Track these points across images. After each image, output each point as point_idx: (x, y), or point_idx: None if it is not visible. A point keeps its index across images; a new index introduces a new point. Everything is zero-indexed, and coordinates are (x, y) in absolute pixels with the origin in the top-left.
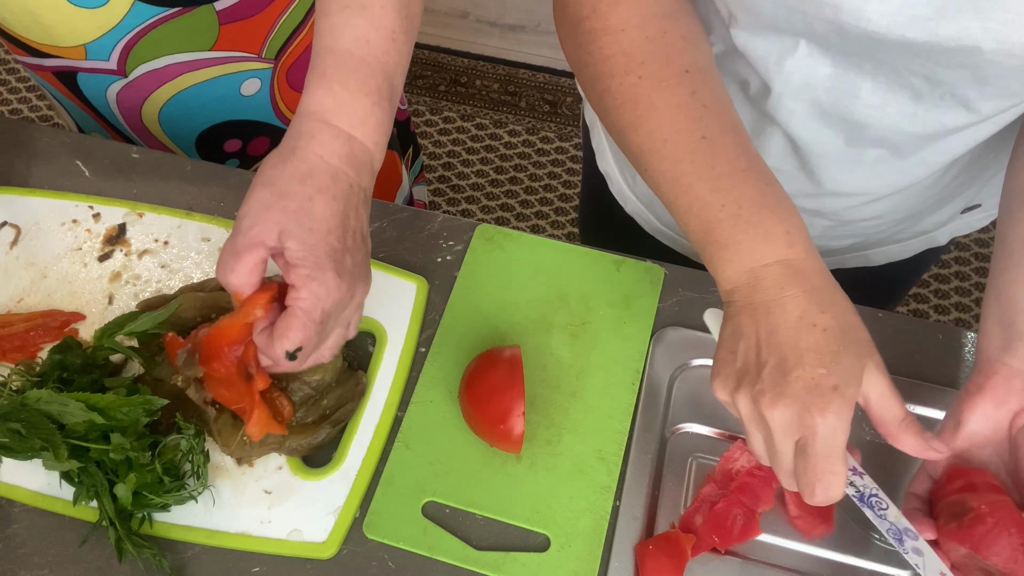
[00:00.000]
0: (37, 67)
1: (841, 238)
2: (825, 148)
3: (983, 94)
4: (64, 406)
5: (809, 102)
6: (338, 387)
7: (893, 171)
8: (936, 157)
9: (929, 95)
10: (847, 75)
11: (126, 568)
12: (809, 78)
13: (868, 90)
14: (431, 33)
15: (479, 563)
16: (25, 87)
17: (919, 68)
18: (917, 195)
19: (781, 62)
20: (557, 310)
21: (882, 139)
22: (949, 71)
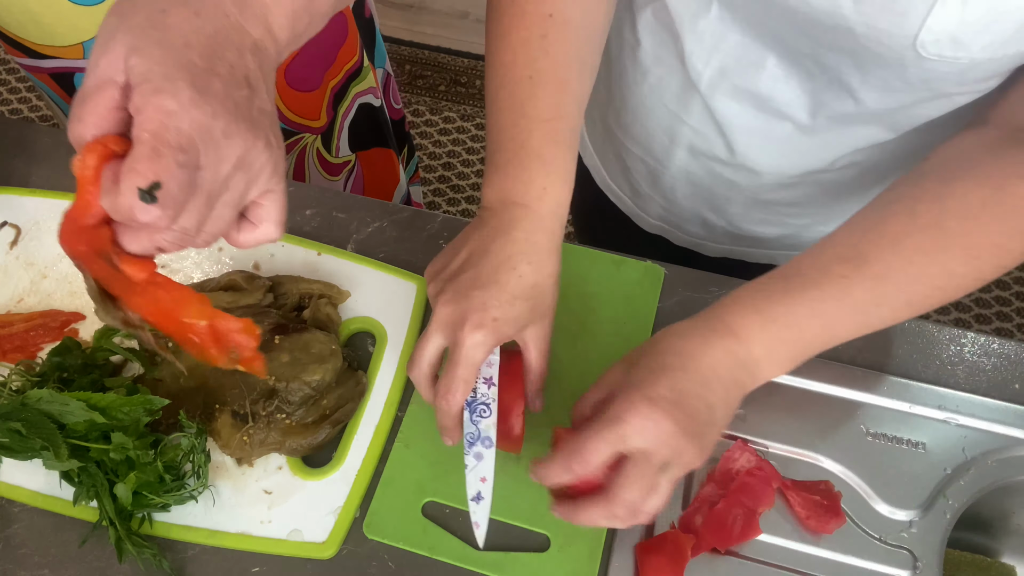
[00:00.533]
0: (35, 69)
1: (766, 223)
2: (735, 118)
3: (866, 83)
4: (65, 406)
5: (719, 70)
6: (338, 387)
7: (800, 149)
8: (840, 140)
9: (819, 77)
10: (754, 45)
11: (126, 568)
12: (720, 42)
13: (772, 62)
14: (431, 33)
15: (479, 563)
16: (25, 87)
17: (807, 48)
18: (837, 191)
19: (695, 21)
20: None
21: (787, 114)
22: (832, 54)
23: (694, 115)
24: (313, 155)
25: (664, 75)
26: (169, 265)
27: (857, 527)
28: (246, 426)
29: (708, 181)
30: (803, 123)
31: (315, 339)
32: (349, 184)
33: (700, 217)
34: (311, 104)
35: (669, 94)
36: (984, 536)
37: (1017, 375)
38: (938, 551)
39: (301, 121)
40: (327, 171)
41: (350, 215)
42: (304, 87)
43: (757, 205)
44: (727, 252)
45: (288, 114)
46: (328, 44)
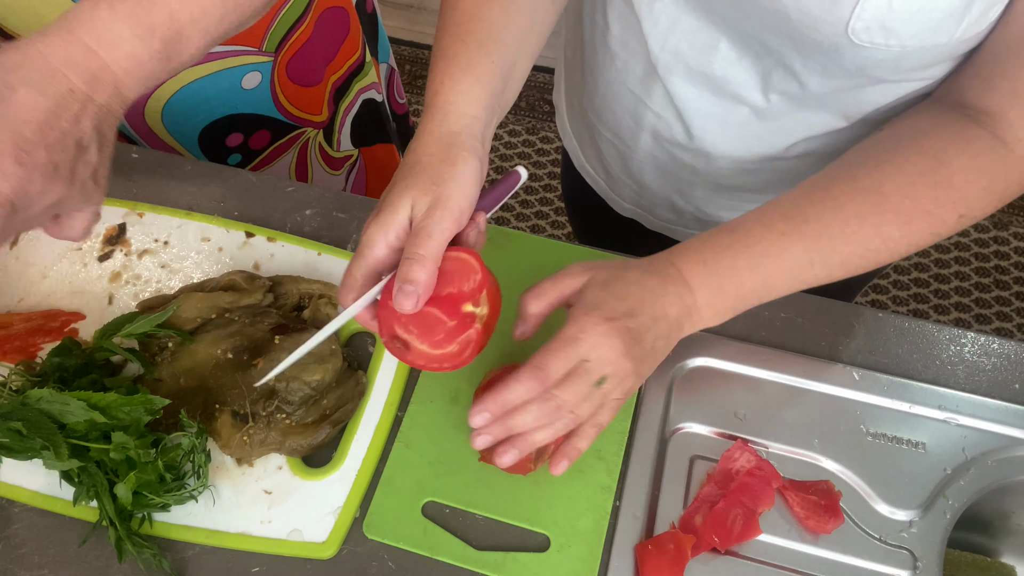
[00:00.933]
0: None
1: (729, 209)
2: (692, 102)
3: (807, 68)
4: (65, 405)
5: (674, 53)
6: (338, 387)
7: (755, 134)
8: (792, 126)
9: (766, 59)
10: (707, 28)
11: (126, 568)
12: (674, 25)
13: (725, 45)
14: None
15: (479, 563)
16: None
17: (751, 30)
18: (790, 178)
19: (652, 4)
20: (557, 310)
21: (741, 97)
22: (773, 37)
23: (656, 99)
24: (315, 150)
25: (629, 59)
26: (170, 265)
27: (857, 527)
28: (246, 426)
29: (671, 166)
30: (758, 106)
31: None
32: (351, 178)
33: (669, 201)
34: (313, 98)
35: (633, 78)
36: (984, 536)
37: (1017, 375)
38: (938, 551)
39: (302, 115)
40: (329, 165)
41: (350, 215)
42: (305, 81)
43: (719, 190)
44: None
45: (289, 108)
46: (330, 39)
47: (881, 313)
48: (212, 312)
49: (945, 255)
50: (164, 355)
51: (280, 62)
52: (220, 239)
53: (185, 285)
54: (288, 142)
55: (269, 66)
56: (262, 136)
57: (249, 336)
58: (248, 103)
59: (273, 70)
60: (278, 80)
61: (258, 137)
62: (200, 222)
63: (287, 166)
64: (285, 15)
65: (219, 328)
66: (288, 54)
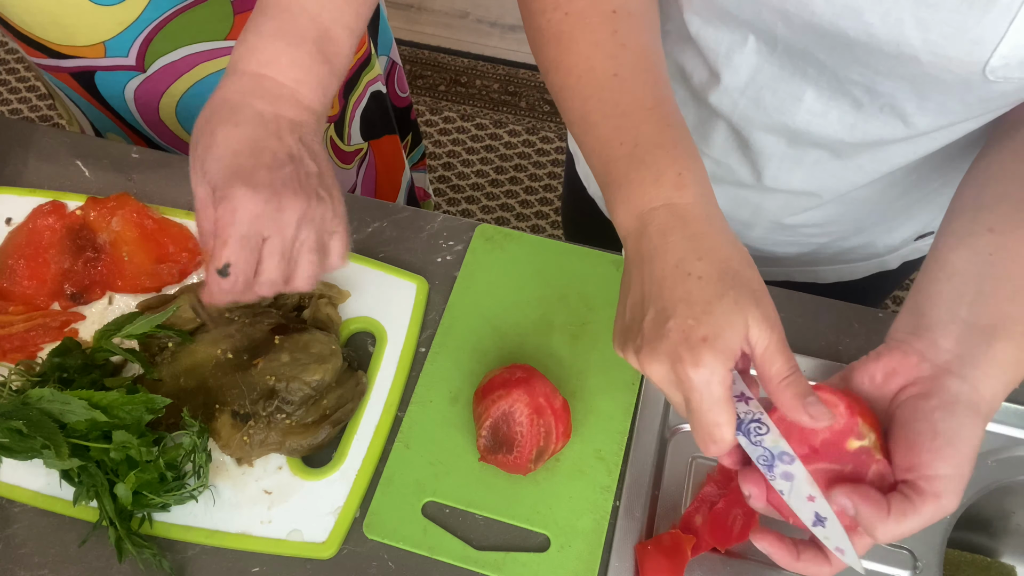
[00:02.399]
0: (55, 68)
1: (786, 244)
2: (766, 148)
3: (922, 109)
4: (66, 404)
5: (754, 102)
6: (338, 387)
7: (831, 173)
8: (875, 165)
9: (869, 105)
10: (792, 79)
11: (126, 568)
12: (756, 75)
13: (811, 96)
14: (431, 33)
15: (479, 563)
16: (25, 87)
17: (859, 76)
18: (860, 208)
19: (730, 55)
20: (557, 310)
21: (822, 143)
22: (889, 81)
23: (716, 145)
24: (327, 144)
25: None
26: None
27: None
28: (246, 426)
29: (730, 207)
30: (839, 148)
31: (315, 339)
32: (362, 172)
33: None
34: None
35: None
36: (984, 536)
37: None
38: (938, 551)
39: None
40: (340, 159)
41: (350, 215)
42: None
43: (781, 229)
44: None
45: None
46: None
47: (881, 313)
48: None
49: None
50: (164, 355)
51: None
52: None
53: (185, 285)
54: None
55: None
56: None
57: (249, 336)
58: None
59: None
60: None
61: None
62: None
63: None
64: None
65: (219, 328)
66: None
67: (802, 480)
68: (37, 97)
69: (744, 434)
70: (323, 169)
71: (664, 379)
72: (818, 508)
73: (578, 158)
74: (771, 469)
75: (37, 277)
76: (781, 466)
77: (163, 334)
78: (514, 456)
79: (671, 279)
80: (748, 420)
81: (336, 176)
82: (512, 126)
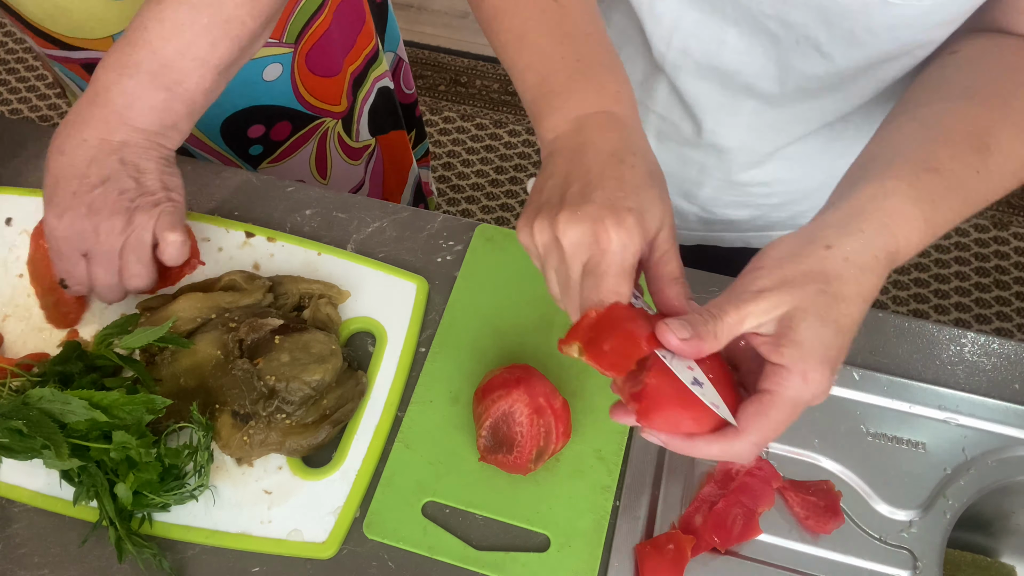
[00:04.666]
0: (65, 60)
1: (737, 206)
2: (702, 97)
3: (832, 36)
4: (66, 404)
5: (681, 50)
6: (338, 387)
7: (769, 124)
8: (809, 113)
9: (785, 38)
10: (712, 21)
11: (126, 568)
12: (678, 22)
13: (733, 36)
14: (431, 33)
15: (479, 563)
16: (25, 87)
17: (771, 9)
18: (804, 166)
19: (653, 3)
20: (557, 310)
21: (754, 88)
22: (796, 10)
23: (659, 100)
24: (334, 140)
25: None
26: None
27: (857, 527)
28: (246, 426)
29: (678, 167)
30: (771, 95)
31: (315, 339)
32: (369, 168)
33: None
34: (332, 89)
35: (633, 81)
36: (984, 536)
37: (1017, 375)
38: (938, 551)
39: (322, 106)
40: (348, 156)
41: (350, 215)
42: (325, 72)
43: (729, 187)
44: (701, 239)
45: (309, 99)
46: (348, 29)
47: (881, 313)
48: (212, 312)
49: (945, 255)
50: (164, 355)
51: (300, 53)
52: (220, 239)
53: (185, 285)
54: (308, 133)
55: (289, 57)
56: (283, 128)
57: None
58: (269, 94)
59: (293, 61)
60: (298, 71)
61: (279, 128)
62: (200, 222)
63: (307, 157)
64: (304, 6)
65: (219, 328)
66: (307, 45)
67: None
68: (37, 97)
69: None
70: (145, 183)
71: (578, 240)
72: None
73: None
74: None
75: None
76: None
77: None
78: (514, 456)
79: (603, 164)
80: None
81: (343, 173)
82: (512, 126)
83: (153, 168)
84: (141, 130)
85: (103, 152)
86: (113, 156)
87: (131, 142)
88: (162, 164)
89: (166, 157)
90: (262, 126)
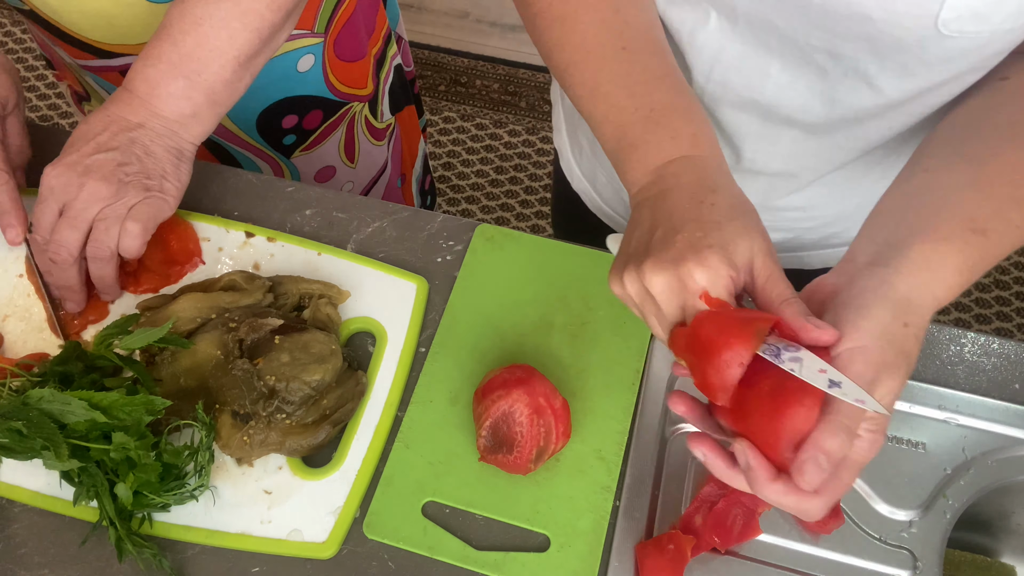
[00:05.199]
0: (103, 69)
1: (770, 230)
2: (742, 127)
3: (883, 68)
4: (66, 405)
5: (721, 83)
6: (338, 387)
7: (809, 152)
8: (851, 142)
9: (833, 71)
10: (756, 54)
11: (126, 568)
12: (720, 54)
13: (777, 68)
14: (431, 33)
15: (479, 563)
16: (25, 87)
17: (820, 42)
18: (841, 191)
19: (694, 35)
20: (557, 310)
21: (795, 120)
22: (847, 44)
23: None
24: (362, 123)
25: None
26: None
27: (857, 527)
28: (246, 426)
29: None
30: (814, 124)
31: (315, 339)
32: (391, 147)
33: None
34: (359, 73)
35: None
36: (984, 536)
37: (1017, 375)
38: (938, 551)
39: (350, 91)
40: (374, 136)
41: (350, 215)
42: (351, 57)
43: (763, 212)
44: None
45: (339, 86)
46: (369, 11)
47: None
48: (212, 312)
49: None
50: (164, 355)
51: (329, 41)
52: (220, 239)
53: (185, 285)
54: (338, 119)
55: (321, 47)
56: (315, 116)
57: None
58: (303, 85)
59: (324, 50)
60: (328, 59)
61: (311, 117)
62: (200, 222)
63: (337, 143)
64: None
65: (219, 328)
66: (335, 32)
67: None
68: (37, 97)
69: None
70: (148, 165)
71: (665, 287)
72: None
73: (563, 154)
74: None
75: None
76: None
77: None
78: (514, 456)
79: (683, 208)
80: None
81: (369, 156)
82: (512, 126)
83: (161, 155)
84: (160, 116)
85: (119, 127)
86: (127, 133)
87: (148, 125)
88: (172, 153)
89: (180, 148)
90: (296, 116)
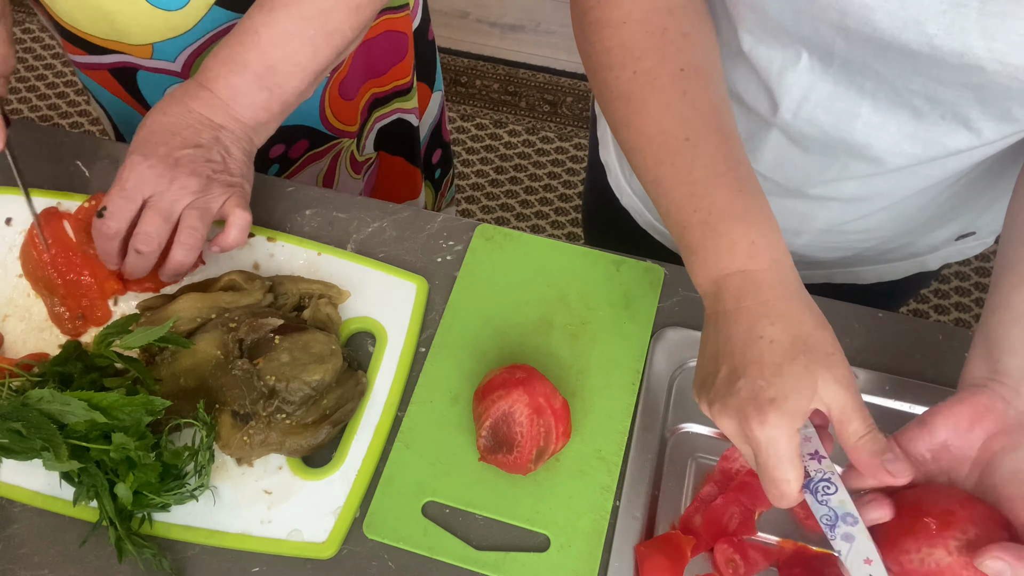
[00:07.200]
0: (93, 65)
1: (831, 250)
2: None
3: (984, 114)
4: (66, 405)
5: (808, 120)
6: (338, 387)
7: (890, 183)
8: (933, 171)
9: (929, 114)
10: (848, 94)
11: (126, 568)
12: (809, 93)
13: (868, 110)
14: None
15: (479, 563)
16: (25, 87)
17: (920, 87)
18: (909, 212)
19: (783, 73)
20: (557, 310)
21: (884, 161)
22: (950, 90)
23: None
24: (346, 159)
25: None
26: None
27: None
28: (246, 426)
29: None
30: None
31: (315, 339)
32: (366, 178)
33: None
34: (351, 111)
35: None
36: None
37: None
38: None
39: (342, 127)
40: (355, 170)
41: (350, 215)
42: (348, 96)
43: (827, 234)
44: None
45: (332, 121)
46: (381, 62)
47: (881, 313)
48: (212, 312)
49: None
50: (164, 355)
51: (334, 79)
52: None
53: (186, 284)
54: (324, 151)
55: (325, 81)
56: (301, 145)
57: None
58: (296, 115)
59: (327, 86)
60: (328, 94)
61: (298, 147)
62: None
63: (316, 174)
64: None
65: (219, 328)
66: (342, 72)
67: (862, 542)
68: (37, 97)
69: (812, 492)
70: (230, 164)
71: (734, 434)
72: (873, 571)
73: (611, 170)
74: (832, 529)
75: (90, 266)
76: (843, 527)
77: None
78: (514, 456)
79: (743, 342)
80: (818, 479)
81: (347, 186)
82: (512, 126)
83: (239, 156)
84: (240, 121)
85: (203, 125)
86: (211, 131)
87: (228, 128)
88: (247, 155)
89: (250, 152)
90: (283, 145)
